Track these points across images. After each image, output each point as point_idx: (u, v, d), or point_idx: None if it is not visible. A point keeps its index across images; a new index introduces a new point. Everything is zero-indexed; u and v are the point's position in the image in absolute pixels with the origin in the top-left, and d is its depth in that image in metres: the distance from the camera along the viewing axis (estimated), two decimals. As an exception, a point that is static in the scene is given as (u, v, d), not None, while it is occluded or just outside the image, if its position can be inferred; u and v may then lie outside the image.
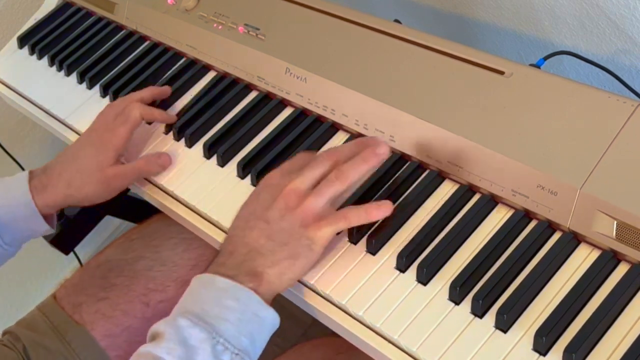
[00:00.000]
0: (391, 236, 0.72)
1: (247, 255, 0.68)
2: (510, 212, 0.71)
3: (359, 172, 0.70)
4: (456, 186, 0.74)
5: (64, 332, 0.91)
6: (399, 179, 0.76)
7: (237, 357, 0.63)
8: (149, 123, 0.93)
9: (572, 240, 0.67)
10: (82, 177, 0.85)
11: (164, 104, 0.95)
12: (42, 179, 0.86)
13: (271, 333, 0.68)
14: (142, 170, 0.87)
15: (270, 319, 0.66)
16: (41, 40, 1.14)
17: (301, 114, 0.87)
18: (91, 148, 0.86)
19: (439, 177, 0.75)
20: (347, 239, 0.73)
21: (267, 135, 0.86)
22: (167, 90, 0.95)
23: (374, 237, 0.71)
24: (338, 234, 0.72)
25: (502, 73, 0.74)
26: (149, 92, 0.92)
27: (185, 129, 0.90)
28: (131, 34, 1.08)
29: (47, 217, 0.87)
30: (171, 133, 0.91)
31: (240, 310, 0.64)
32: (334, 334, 0.72)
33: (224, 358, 0.62)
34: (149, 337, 0.64)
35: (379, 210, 0.70)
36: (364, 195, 0.75)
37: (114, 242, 1.01)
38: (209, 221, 0.82)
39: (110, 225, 1.68)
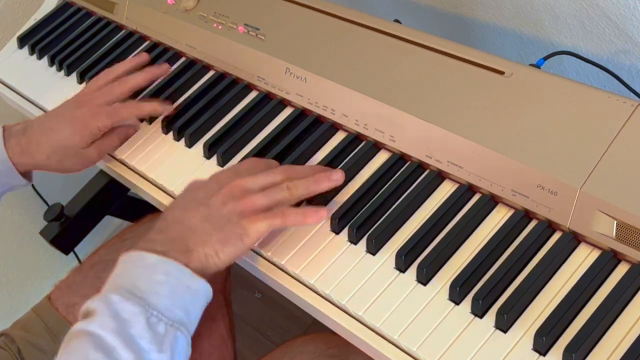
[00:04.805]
0: (391, 236, 0.72)
1: (180, 233, 0.69)
2: (510, 212, 0.71)
3: (309, 191, 0.73)
4: (456, 186, 0.74)
5: (58, 333, 0.90)
6: (399, 179, 0.76)
7: (172, 328, 0.63)
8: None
9: (572, 240, 0.67)
10: (60, 153, 0.87)
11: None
12: (20, 142, 0.87)
13: (205, 304, 0.68)
14: (118, 145, 0.90)
15: (203, 290, 0.67)
16: (41, 40, 1.14)
17: (301, 114, 0.87)
18: (71, 126, 0.86)
19: (439, 177, 0.75)
20: (347, 239, 0.73)
21: (267, 135, 0.86)
22: (164, 70, 0.94)
23: (374, 237, 0.71)
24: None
25: (502, 73, 0.74)
26: (146, 76, 0.92)
27: (185, 129, 0.90)
28: (131, 34, 1.08)
29: (24, 173, 0.88)
30: (171, 133, 0.91)
31: (171, 283, 0.65)
32: (328, 330, 0.72)
33: (159, 329, 0.62)
34: (81, 316, 0.64)
35: (317, 215, 0.72)
36: (364, 195, 0.75)
37: (107, 243, 1.01)
38: (209, 221, 0.82)
39: (110, 225, 1.68)
